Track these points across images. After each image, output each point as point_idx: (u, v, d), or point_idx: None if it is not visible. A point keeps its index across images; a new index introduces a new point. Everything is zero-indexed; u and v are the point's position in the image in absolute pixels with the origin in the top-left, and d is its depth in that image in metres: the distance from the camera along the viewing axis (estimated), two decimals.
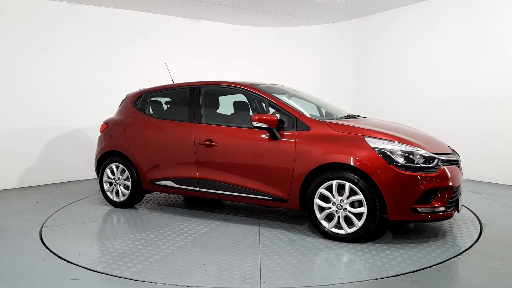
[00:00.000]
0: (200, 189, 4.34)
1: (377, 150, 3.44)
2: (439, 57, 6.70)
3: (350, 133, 3.64)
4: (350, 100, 8.06)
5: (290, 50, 8.78)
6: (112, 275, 2.99)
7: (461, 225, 4.05)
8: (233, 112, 4.70)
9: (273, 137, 3.85)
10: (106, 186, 4.99)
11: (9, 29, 6.18)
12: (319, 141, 3.67)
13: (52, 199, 5.48)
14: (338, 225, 3.60)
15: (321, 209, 3.65)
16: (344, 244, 3.54)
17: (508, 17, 5.84)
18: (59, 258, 3.35)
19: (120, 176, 4.86)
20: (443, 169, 3.48)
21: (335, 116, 4.39)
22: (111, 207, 4.97)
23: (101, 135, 5.16)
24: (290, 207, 3.87)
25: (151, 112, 4.92)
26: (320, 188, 3.61)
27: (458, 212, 3.72)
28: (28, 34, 6.32)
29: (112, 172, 4.92)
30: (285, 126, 3.86)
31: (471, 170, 6.31)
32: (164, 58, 7.48)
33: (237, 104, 4.59)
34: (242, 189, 4.07)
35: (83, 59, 6.83)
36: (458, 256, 3.25)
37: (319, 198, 3.64)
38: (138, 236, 3.87)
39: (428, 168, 3.42)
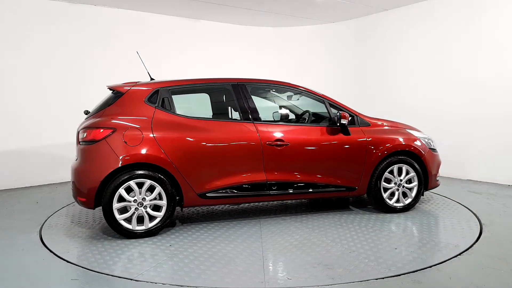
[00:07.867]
0: (271, 192, 4.15)
1: (420, 138, 4.57)
2: (438, 57, 6.70)
3: (397, 127, 4.62)
4: (350, 100, 8.03)
5: (290, 50, 8.78)
6: (112, 275, 2.99)
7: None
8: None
9: (345, 133, 4.33)
10: (117, 214, 3.75)
11: (9, 29, 6.17)
12: (381, 134, 4.45)
13: (52, 199, 5.48)
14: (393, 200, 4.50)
15: (384, 190, 4.41)
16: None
17: (508, 17, 5.84)
18: (59, 258, 3.35)
19: (146, 196, 3.81)
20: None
21: None
22: None
23: (99, 144, 3.75)
24: (357, 194, 4.45)
25: (181, 111, 4.13)
26: (385, 173, 4.39)
27: None
28: (28, 33, 6.31)
29: (129, 193, 3.78)
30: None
31: (471, 170, 6.31)
32: (164, 58, 7.50)
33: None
34: (320, 185, 4.27)
35: (83, 58, 6.82)
36: (458, 256, 3.25)
37: (383, 181, 4.42)
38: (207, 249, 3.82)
39: (436, 149, 4.74)
